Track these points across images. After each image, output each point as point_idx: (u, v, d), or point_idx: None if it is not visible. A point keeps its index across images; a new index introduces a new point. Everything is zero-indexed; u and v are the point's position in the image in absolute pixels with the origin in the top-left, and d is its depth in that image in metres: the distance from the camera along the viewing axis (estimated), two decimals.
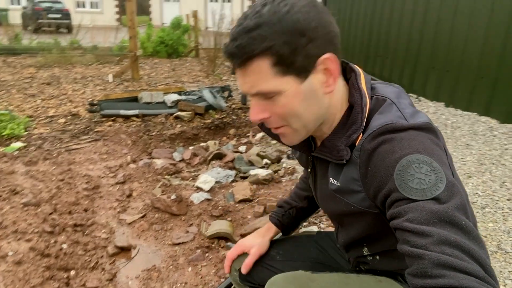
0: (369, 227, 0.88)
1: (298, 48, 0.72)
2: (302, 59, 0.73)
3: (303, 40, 0.72)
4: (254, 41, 0.71)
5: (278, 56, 0.72)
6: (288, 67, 0.73)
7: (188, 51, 10.59)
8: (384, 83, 0.91)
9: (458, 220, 0.62)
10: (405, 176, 0.68)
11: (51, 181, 2.64)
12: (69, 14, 18.54)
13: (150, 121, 4.14)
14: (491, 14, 3.86)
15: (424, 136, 0.74)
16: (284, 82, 0.75)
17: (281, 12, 0.71)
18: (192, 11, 11.12)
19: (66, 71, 7.02)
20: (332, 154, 0.83)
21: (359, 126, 0.80)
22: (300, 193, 1.28)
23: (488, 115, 3.92)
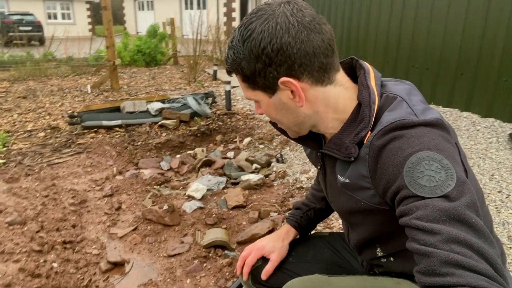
0: (381, 225, 0.87)
1: (256, 71, 0.78)
2: (262, 80, 0.79)
3: (259, 65, 0.78)
4: (228, 60, 0.82)
5: (243, 76, 0.81)
6: (253, 84, 0.81)
7: (166, 58, 10.49)
8: (395, 80, 0.91)
9: (468, 218, 0.61)
10: (415, 173, 0.67)
11: (35, 197, 2.53)
12: (41, 26, 18.13)
13: (134, 131, 4.04)
14: (466, 12, 3.96)
15: (435, 133, 0.73)
16: (255, 94, 0.84)
17: (244, 38, 0.78)
18: (169, 18, 11.03)
19: (42, 84, 6.81)
20: (340, 151, 0.83)
21: (367, 124, 0.79)
22: (317, 194, 1.25)
23: (470, 110, 4.02)
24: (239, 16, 21.70)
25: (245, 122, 4.39)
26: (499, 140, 3.20)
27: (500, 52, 3.65)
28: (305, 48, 0.75)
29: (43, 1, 23.98)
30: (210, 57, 9.88)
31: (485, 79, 3.83)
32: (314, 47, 0.76)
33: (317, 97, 0.82)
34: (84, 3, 25.58)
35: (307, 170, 3.04)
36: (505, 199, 2.29)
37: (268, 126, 4.18)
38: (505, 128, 3.45)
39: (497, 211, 2.18)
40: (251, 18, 0.78)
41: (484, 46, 3.82)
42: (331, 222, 2.31)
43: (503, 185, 2.46)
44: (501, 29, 3.63)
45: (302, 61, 0.76)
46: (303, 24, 0.75)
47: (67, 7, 25.16)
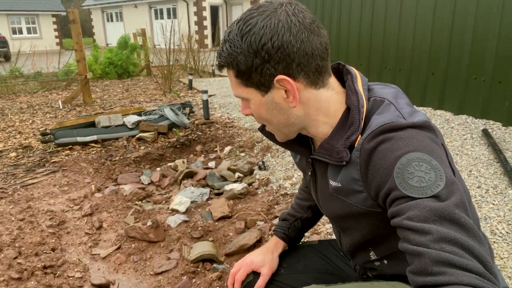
0: (373, 228, 0.87)
1: (253, 66, 0.77)
2: (258, 76, 0.78)
3: (257, 61, 0.77)
4: (222, 53, 0.80)
5: (237, 71, 0.80)
6: (247, 80, 0.80)
7: (139, 70, 10.33)
8: (381, 84, 0.93)
9: (458, 217, 0.63)
10: (405, 174, 0.68)
11: (11, 221, 2.41)
12: (6, 41, 17.56)
13: (111, 146, 3.94)
14: (434, 14, 4.08)
15: (424, 135, 0.74)
16: (248, 92, 0.82)
17: (243, 32, 0.76)
18: (139, 29, 10.89)
19: (10, 101, 6.56)
20: (332, 156, 0.83)
21: (357, 127, 0.80)
22: (302, 203, 1.25)
23: (443, 109, 4.13)
24: (210, 24, 21.70)
25: (224, 131, 4.36)
26: (473, 136, 3.30)
27: (468, 51, 3.78)
28: (305, 48, 0.76)
29: (7, 16, 23.25)
30: (184, 66, 9.80)
31: (456, 77, 3.95)
32: (313, 48, 0.77)
33: (309, 99, 0.82)
34: (50, 16, 24.94)
35: (290, 176, 3.03)
36: (485, 194, 2.35)
37: (248, 133, 4.17)
38: (478, 124, 3.56)
39: (478, 207, 2.23)
40: (251, 13, 0.77)
41: (452, 47, 3.94)
42: (318, 227, 2.31)
43: (481, 180, 2.52)
44: (467, 30, 3.76)
45: (300, 61, 0.77)
46: (304, 25, 0.77)
47: (33, 21, 24.47)
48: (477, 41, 3.69)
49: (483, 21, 3.61)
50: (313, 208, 1.24)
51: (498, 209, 2.19)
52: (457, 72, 3.93)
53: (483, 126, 3.49)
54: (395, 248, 0.87)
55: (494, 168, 2.68)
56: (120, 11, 26.08)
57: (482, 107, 3.69)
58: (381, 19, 4.79)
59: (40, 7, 24.34)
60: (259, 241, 2.21)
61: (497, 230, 2.00)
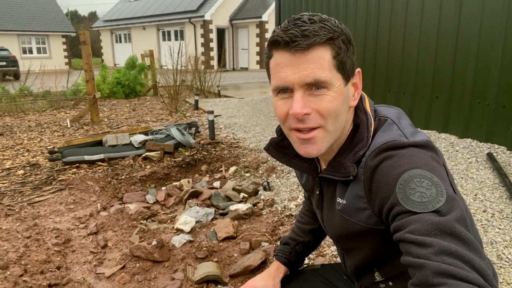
0: (377, 248, 0.88)
1: (349, 52, 0.80)
2: (350, 63, 0.81)
3: (351, 48, 0.81)
4: (322, 30, 0.76)
5: (337, 50, 0.78)
6: (341, 64, 0.78)
7: (146, 90, 10.49)
8: (385, 106, 0.96)
9: (459, 231, 0.64)
10: (407, 190, 0.70)
11: (17, 239, 2.43)
12: (16, 61, 17.92)
13: (118, 165, 3.98)
14: (437, 38, 4.16)
15: (425, 153, 0.77)
16: (336, 77, 0.78)
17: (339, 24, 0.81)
18: (147, 50, 11.12)
19: (19, 120, 6.66)
20: (340, 172, 0.85)
21: (365, 144, 0.83)
22: (303, 227, 1.26)
23: (447, 132, 4.15)
24: (216, 46, 22.08)
25: (229, 151, 4.39)
26: (478, 160, 3.30)
27: (471, 76, 3.83)
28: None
29: (18, 36, 23.80)
30: (190, 86, 9.94)
31: (460, 101, 3.98)
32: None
33: None
34: (60, 36, 25.51)
35: (295, 197, 3.04)
36: (491, 218, 2.34)
37: (253, 154, 4.19)
38: (482, 148, 3.57)
39: (484, 231, 2.22)
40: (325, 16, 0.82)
41: (456, 71, 4.00)
42: (323, 249, 2.30)
43: (487, 204, 2.52)
44: (471, 55, 3.82)
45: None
46: None
47: (43, 41, 25.02)
48: (480, 66, 3.74)
49: (486, 47, 3.67)
50: (314, 232, 1.24)
51: (504, 233, 2.17)
52: (461, 96, 3.97)
53: (488, 150, 3.49)
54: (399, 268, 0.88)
55: (499, 192, 2.67)
56: (129, 32, 26.65)
57: (487, 131, 3.71)
58: (384, 43, 4.87)
59: (51, 28, 24.93)
60: (264, 262, 2.21)
61: (504, 255, 1.99)
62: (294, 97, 0.78)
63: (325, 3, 6.04)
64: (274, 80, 0.81)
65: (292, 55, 0.76)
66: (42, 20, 24.95)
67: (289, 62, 0.77)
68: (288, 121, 0.82)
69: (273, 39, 0.78)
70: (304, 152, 0.84)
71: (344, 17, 5.58)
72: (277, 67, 0.79)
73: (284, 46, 0.76)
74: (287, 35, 0.75)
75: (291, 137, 0.85)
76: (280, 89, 0.80)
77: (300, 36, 0.75)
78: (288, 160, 0.98)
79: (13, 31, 23.40)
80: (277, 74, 0.79)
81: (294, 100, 0.78)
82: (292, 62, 0.76)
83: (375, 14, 4.97)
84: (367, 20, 5.13)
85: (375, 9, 4.97)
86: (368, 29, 5.13)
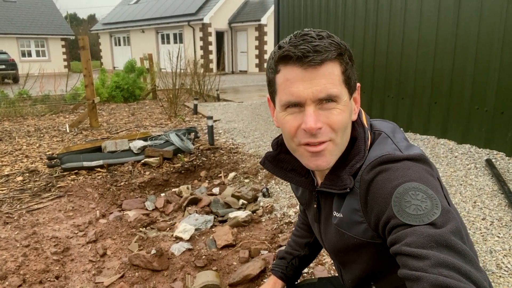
0: (374, 261, 0.89)
1: (353, 67, 0.83)
2: (353, 77, 0.83)
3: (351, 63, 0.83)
4: (332, 46, 0.78)
5: (345, 66, 0.81)
6: (348, 78, 0.81)
7: (145, 93, 10.49)
8: (380, 120, 0.97)
9: (454, 243, 0.65)
10: (402, 202, 0.71)
11: (16, 248, 2.42)
12: (15, 64, 17.93)
13: (117, 171, 3.97)
14: (435, 43, 4.17)
15: (419, 167, 0.78)
16: (344, 92, 0.81)
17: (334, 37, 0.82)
18: (146, 54, 11.12)
19: (18, 124, 6.66)
20: (336, 185, 0.85)
21: (362, 157, 0.83)
22: (299, 241, 1.26)
23: (446, 137, 4.15)
24: (215, 49, 22.11)
25: (229, 157, 4.39)
26: (477, 166, 3.31)
27: (470, 81, 3.84)
28: None
29: (17, 39, 23.81)
30: (189, 90, 9.95)
31: (458, 107, 3.99)
32: None
33: None
34: (59, 39, 25.52)
35: (294, 204, 3.04)
36: (490, 226, 2.34)
37: (252, 159, 4.19)
38: (481, 154, 3.57)
39: (483, 239, 2.22)
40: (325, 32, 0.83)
41: (454, 77, 4.01)
42: (322, 258, 2.30)
43: (486, 211, 2.52)
44: (469, 61, 3.83)
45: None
46: None
47: (42, 44, 25.03)
48: (479, 72, 3.75)
49: (484, 52, 3.69)
50: (310, 245, 1.25)
51: (504, 242, 2.17)
52: (459, 102, 3.98)
53: (487, 156, 3.50)
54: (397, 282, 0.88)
55: (498, 199, 2.67)
56: (128, 35, 26.66)
57: (485, 137, 3.72)
58: (383, 48, 4.89)
59: (50, 31, 24.95)
60: (263, 271, 2.20)
61: (503, 264, 1.99)
62: (306, 112, 0.78)
63: (324, 8, 6.05)
64: (284, 95, 0.80)
65: (304, 70, 0.76)
66: (41, 23, 24.97)
67: (300, 77, 0.77)
68: (297, 136, 0.82)
69: (283, 54, 0.78)
70: (314, 165, 0.84)
71: (343, 22, 5.59)
72: (287, 82, 0.79)
73: (296, 61, 0.77)
74: (299, 50, 0.76)
75: (299, 151, 0.85)
76: (290, 104, 0.80)
77: (312, 51, 0.75)
78: (284, 174, 0.98)
79: (12, 34, 23.41)
80: (288, 90, 0.79)
81: (306, 115, 0.78)
82: (304, 77, 0.77)
83: (374, 20, 4.99)
84: (365, 25, 5.15)
85: (373, 14, 4.99)
86: (366, 34, 5.14)
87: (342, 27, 5.60)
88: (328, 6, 5.93)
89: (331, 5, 5.85)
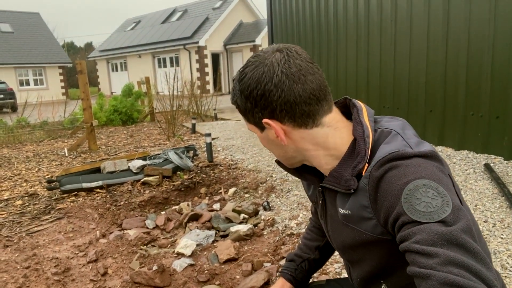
0: (383, 258, 0.88)
1: (246, 109, 0.89)
2: (252, 117, 0.89)
3: (248, 105, 0.87)
4: (231, 94, 0.93)
5: (240, 110, 0.91)
6: (247, 119, 0.91)
7: (143, 116, 10.55)
8: (388, 117, 0.96)
9: (465, 242, 0.64)
10: (413, 199, 0.70)
11: (16, 270, 2.39)
12: (13, 93, 18.11)
13: (116, 191, 3.96)
14: (427, 54, 4.25)
15: (430, 163, 0.77)
16: (252, 127, 0.93)
17: (240, 79, 0.87)
18: (143, 77, 11.26)
19: (17, 151, 6.66)
20: (340, 184, 0.86)
21: (363, 157, 0.83)
22: (310, 244, 1.25)
23: (443, 145, 4.18)
24: (211, 70, 22.38)
25: (228, 173, 4.39)
26: (476, 171, 3.32)
27: (463, 88, 3.89)
28: (286, 97, 0.83)
29: (15, 68, 24.08)
30: (187, 111, 10.02)
31: (453, 114, 4.03)
32: (295, 97, 0.83)
33: (303, 138, 0.88)
34: (57, 68, 25.82)
35: (295, 216, 3.02)
36: (492, 228, 2.33)
37: (252, 174, 4.19)
38: (479, 159, 3.59)
39: (487, 241, 2.21)
40: (248, 62, 0.88)
41: (448, 85, 4.07)
42: (326, 267, 2.27)
43: (487, 214, 2.51)
44: (461, 69, 3.89)
45: (282, 108, 0.84)
46: (287, 75, 0.82)
47: (40, 73, 25.30)
48: (471, 78, 3.81)
49: (476, 59, 3.75)
50: (320, 249, 1.23)
51: (507, 243, 2.16)
52: (454, 109, 4.02)
53: (485, 161, 3.51)
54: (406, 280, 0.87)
55: (499, 202, 2.67)
56: (125, 61, 27.02)
57: (482, 142, 3.74)
58: (376, 61, 4.97)
59: (47, 60, 25.26)
60: (267, 283, 2.18)
61: (508, 264, 1.97)
62: None
63: (316, 26, 6.18)
64: None
65: None
66: (39, 52, 25.32)
67: None
68: None
69: None
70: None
71: (335, 39, 5.70)
72: None
73: None
74: None
75: None
76: None
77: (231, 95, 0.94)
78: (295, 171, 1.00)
79: (10, 64, 23.70)
80: None
81: None
82: None
83: (365, 34, 5.09)
84: (357, 39, 5.25)
85: (364, 28, 5.09)
86: (359, 47, 5.24)
87: (335, 43, 5.71)
88: (320, 24, 6.06)
89: (322, 23, 5.97)
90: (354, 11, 5.24)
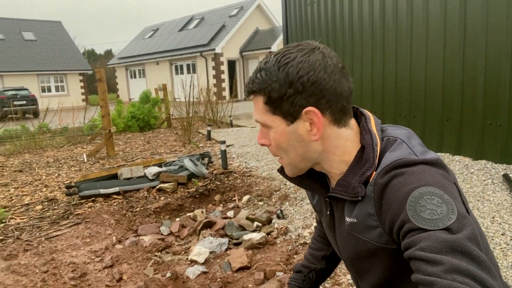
0: (390, 268, 0.87)
1: (285, 95, 0.83)
2: (288, 105, 0.84)
3: (291, 91, 0.82)
4: (255, 80, 0.86)
5: (268, 97, 0.85)
6: (275, 108, 0.85)
7: (160, 122, 10.71)
8: (394, 126, 0.97)
9: (470, 250, 0.64)
10: (417, 207, 0.70)
11: (35, 274, 2.46)
12: (36, 99, 18.62)
13: (132, 197, 4.03)
14: (443, 62, 4.20)
15: (435, 171, 0.77)
16: (273, 120, 0.87)
17: (281, 63, 0.83)
18: (161, 84, 11.44)
19: (38, 156, 6.85)
20: (348, 192, 0.86)
21: (372, 164, 0.83)
22: (316, 254, 1.25)
23: (461, 154, 4.10)
24: (227, 77, 22.56)
25: (242, 180, 4.42)
26: (494, 181, 3.25)
27: (481, 97, 3.83)
28: (336, 88, 0.83)
29: (37, 75, 24.81)
30: (203, 118, 10.12)
31: (471, 123, 3.97)
32: (342, 90, 0.84)
33: (330, 136, 0.87)
34: (78, 74, 26.48)
35: (309, 225, 3.02)
36: (510, 241, 2.28)
37: (266, 182, 4.21)
38: (498, 169, 3.52)
39: (504, 254, 2.16)
40: (289, 49, 0.86)
41: (465, 93, 4.00)
42: (339, 278, 2.27)
43: (505, 227, 2.46)
44: (479, 77, 3.83)
45: (330, 98, 0.83)
46: (338, 68, 0.85)
47: (61, 79, 26.00)
48: (489, 86, 3.75)
49: (494, 67, 3.69)
50: (327, 259, 1.23)
51: None
52: (472, 118, 3.95)
53: (504, 171, 3.44)
54: None
55: None
56: (143, 68, 27.50)
57: (501, 151, 3.66)
58: (391, 68, 4.93)
59: (69, 67, 25.96)
60: None
61: None
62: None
63: (331, 34, 6.18)
64: None
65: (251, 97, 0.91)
66: (60, 59, 26.04)
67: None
68: None
69: None
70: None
71: (351, 48, 5.69)
72: None
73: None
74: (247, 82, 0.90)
75: None
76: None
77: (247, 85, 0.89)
78: (300, 181, 1.00)
79: (33, 71, 24.44)
80: None
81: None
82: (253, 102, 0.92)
83: (381, 41, 5.06)
84: (372, 46, 5.23)
85: (380, 34, 5.07)
86: (374, 54, 5.21)
87: (350, 51, 5.69)
88: (335, 32, 6.06)
89: (338, 31, 5.97)
90: (369, 18, 5.23)
